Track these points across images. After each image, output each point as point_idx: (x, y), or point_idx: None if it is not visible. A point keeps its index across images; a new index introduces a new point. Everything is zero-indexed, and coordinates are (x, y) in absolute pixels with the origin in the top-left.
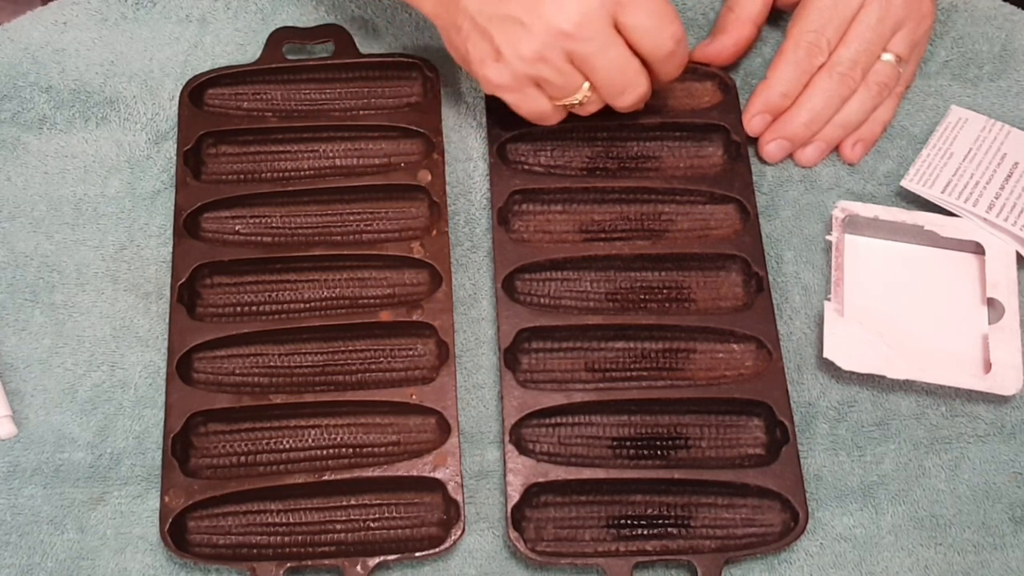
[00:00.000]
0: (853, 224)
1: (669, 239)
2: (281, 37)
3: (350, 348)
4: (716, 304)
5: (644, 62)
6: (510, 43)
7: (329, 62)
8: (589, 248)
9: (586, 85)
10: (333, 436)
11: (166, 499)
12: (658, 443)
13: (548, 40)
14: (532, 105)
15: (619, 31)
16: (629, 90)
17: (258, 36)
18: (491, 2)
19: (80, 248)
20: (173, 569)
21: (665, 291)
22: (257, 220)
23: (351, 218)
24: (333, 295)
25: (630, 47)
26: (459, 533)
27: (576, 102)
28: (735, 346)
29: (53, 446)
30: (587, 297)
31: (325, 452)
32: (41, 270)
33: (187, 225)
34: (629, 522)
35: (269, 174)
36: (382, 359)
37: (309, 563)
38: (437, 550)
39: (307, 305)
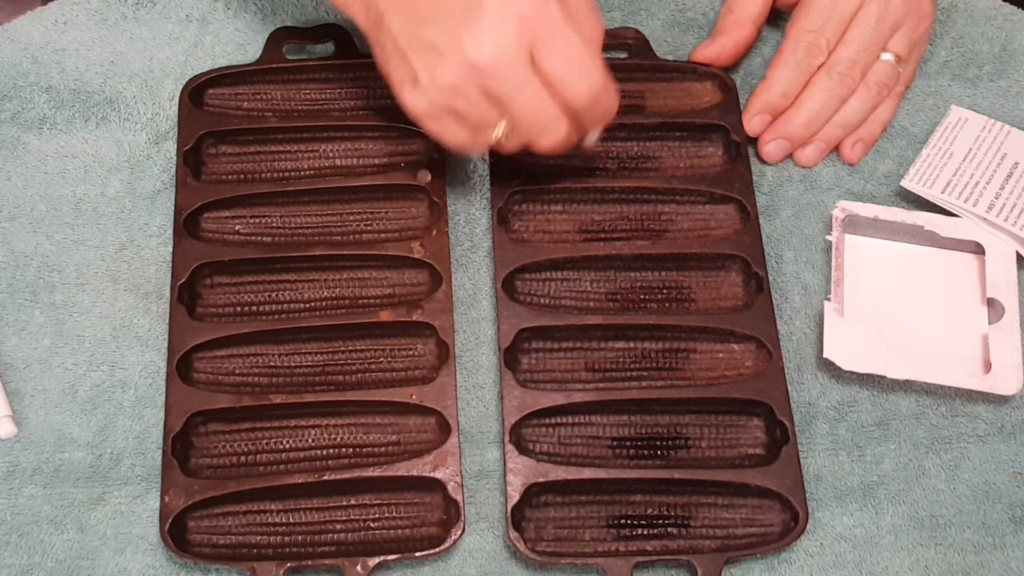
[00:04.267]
0: (853, 224)
1: (669, 239)
2: (281, 37)
3: (350, 348)
4: (716, 304)
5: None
6: (427, 70)
7: (329, 62)
8: (589, 248)
9: (503, 122)
10: (333, 436)
11: (166, 499)
12: (658, 443)
13: (462, 72)
14: (451, 136)
15: (537, 72)
16: (547, 133)
17: (258, 36)
18: (412, 25)
19: (80, 248)
20: (173, 569)
21: (665, 291)
22: (257, 220)
23: (351, 218)
24: (333, 295)
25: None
26: (459, 533)
27: (497, 137)
28: (735, 346)
29: (53, 446)
30: (587, 297)
31: (325, 452)
32: (41, 270)
33: (187, 225)
34: (629, 522)
35: (269, 174)
36: (382, 359)
37: (309, 563)
38: (437, 550)
39: (307, 305)
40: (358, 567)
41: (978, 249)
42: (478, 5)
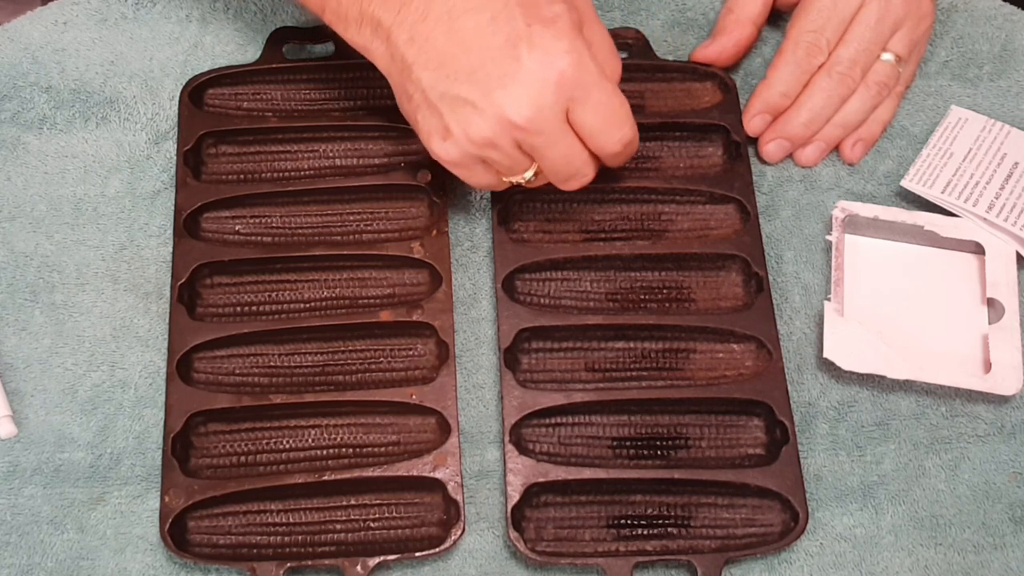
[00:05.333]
0: (853, 224)
1: (669, 239)
2: (281, 37)
3: (350, 348)
4: (716, 304)
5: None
6: (460, 124)
7: (329, 62)
8: (589, 248)
9: (534, 166)
10: (333, 436)
11: (166, 499)
12: (658, 443)
13: (498, 128)
14: (479, 179)
15: (570, 124)
16: (575, 178)
17: (258, 36)
18: (443, 78)
19: (80, 248)
20: (173, 569)
21: (665, 291)
22: (257, 220)
23: (351, 218)
24: (333, 295)
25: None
26: (459, 533)
27: (524, 180)
28: (735, 346)
29: (53, 446)
30: (587, 297)
31: (325, 452)
32: (41, 270)
33: (187, 225)
34: (629, 522)
35: (269, 174)
36: (382, 359)
37: (309, 563)
38: (437, 550)
39: (307, 305)
40: (358, 567)
41: (978, 249)
42: (516, 63)
